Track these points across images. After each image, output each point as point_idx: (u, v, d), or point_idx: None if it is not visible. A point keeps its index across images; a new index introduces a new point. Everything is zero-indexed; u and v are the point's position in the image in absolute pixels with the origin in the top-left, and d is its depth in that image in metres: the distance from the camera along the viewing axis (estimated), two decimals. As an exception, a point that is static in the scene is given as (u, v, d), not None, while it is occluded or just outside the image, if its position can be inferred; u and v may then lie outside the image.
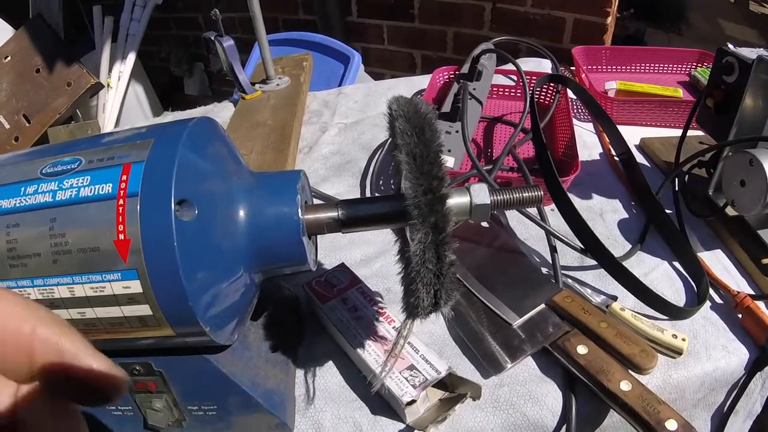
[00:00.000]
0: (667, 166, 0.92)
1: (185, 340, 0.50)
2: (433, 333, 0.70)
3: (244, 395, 0.57)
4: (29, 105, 1.26)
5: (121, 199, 0.44)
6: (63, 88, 1.25)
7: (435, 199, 0.41)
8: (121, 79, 1.56)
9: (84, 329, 0.49)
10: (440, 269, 0.42)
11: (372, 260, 0.82)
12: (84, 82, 1.25)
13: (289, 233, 0.49)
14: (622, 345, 0.62)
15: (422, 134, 0.43)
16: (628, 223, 0.85)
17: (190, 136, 0.48)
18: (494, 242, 0.79)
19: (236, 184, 0.51)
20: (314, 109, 1.20)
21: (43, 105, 1.25)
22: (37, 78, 1.27)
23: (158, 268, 0.44)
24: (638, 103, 1.06)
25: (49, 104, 1.25)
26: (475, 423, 0.61)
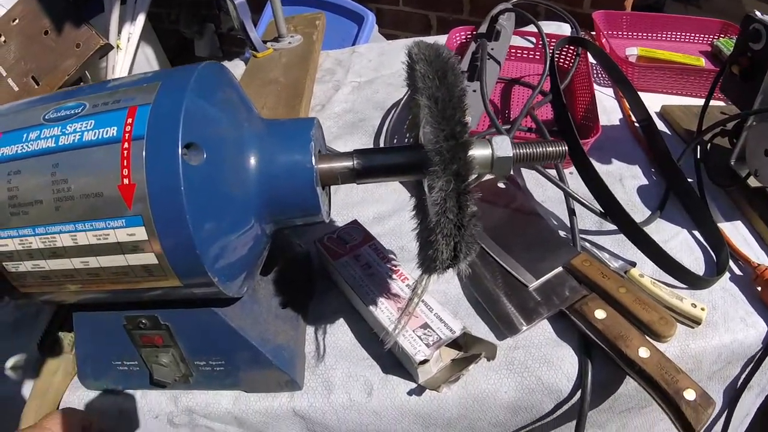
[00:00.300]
0: (688, 135, 0.90)
1: (192, 291, 0.48)
2: (447, 292, 0.69)
3: (253, 350, 0.55)
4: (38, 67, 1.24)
5: (126, 142, 0.42)
6: (72, 49, 1.23)
7: (458, 146, 0.39)
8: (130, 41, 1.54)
9: (87, 279, 0.48)
10: (461, 220, 0.40)
11: (385, 218, 0.80)
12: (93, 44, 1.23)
13: (302, 182, 0.47)
14: (641, 311, 0.60)
15: (444, 78, 0.40)
16: (648, 189, 0.82)
17: (199, 79, 0.46)
18: (511, 203, 0.77)
19: (247, 130, 0.48)
20: (327, 68, 1.17)
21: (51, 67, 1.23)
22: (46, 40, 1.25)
23: (164, 214, 0.42)
24: (660, 70, 1.02)
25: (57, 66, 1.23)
26: (488, 384, 0.60)
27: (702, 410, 0.53)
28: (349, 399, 0.60)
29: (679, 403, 0.53)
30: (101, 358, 0.60)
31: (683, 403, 0.53)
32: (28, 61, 1.22)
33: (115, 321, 0.56)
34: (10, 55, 1.23)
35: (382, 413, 0.60)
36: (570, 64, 1.03)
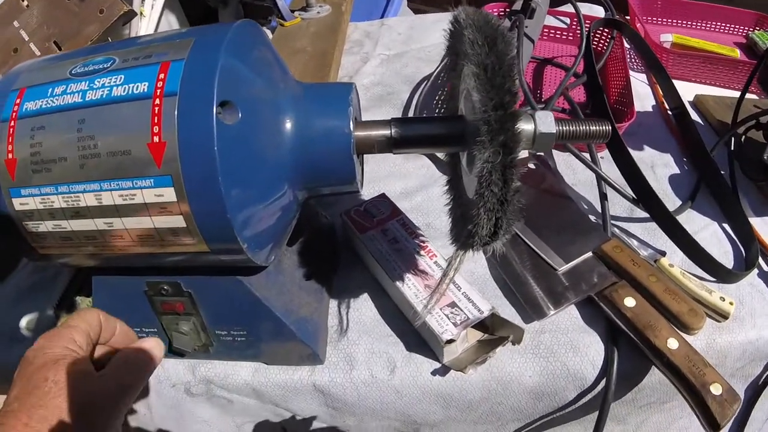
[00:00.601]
0: (721, 126, 0.87)
1: (219, 258, 0.47)
2: (474, 272, 0.67)
3: (277, 322, 0.54)
4: (60, 32, 1.23)
5: (158, 98, 0.41)
6: (95, 15, 1.21)
7: (507, 116, 0.37)
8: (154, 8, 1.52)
9: (110, 242, 0.47)
10: (505, 194, 0.38)
11: (412, 194, 0.78)
12: (116, 10, 1.21)
13: (339, 148, 0.46)
14: (671, 302, 0.59)
15: (494, 45, 0.38)
16: (679, 179, 0.80)
17: (235, 37, 0.44)
18: (541, 185, 0.75)
19: (283, 92, 0.47)
20: (355, 39, 1.15)
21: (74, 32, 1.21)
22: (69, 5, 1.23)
23: (195, 175, 0.41)
24: (695, 58, 1.00)
25: (80, 31, 1.21)
26: (513, 368, 0.58)
27: (728, 406, 0.52)
28: (371, 376, 0.59)
29: (705, 397, 0.52)
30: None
31: (709, 397, 0.52)
32: (51, 26, 1.21)
33: (136, 286, 0.55)
34: (32, 20, 1.22)
35: (403, 392, 0.59)
36: (604, 47, 1.00)
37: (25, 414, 0.39)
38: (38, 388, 0.40)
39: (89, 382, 0.42)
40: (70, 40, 1.21)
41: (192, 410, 0.63)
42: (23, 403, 0.39)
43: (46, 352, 0.42)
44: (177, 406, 0.63)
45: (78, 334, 0.45)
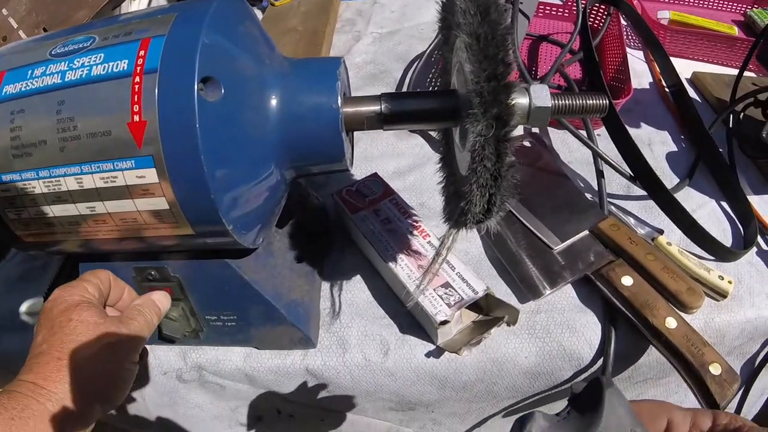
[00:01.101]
0: (719, 104, 0.86)
1: (205, 241, 0.46)
2: (468, 252, 0.66)
3: (267, 305, 0.53)
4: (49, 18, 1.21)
5: (138, 76, 0.40)
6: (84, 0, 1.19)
7: (500, 88, 0.35)
8: (144, -9, 1.50)
9: (94, 227, 0.46)
10: (499, 170, 0.37)
11: (405, 173, 0.77)
12: (106, -7, 1.18)
13: (327, 124, 0.44)
14: (669, 280, 0.58)
15: (487, 14, 0.37)
16: (677, 156, 0.79)
17: (218, 10, 0.42)
18: (536, 163, 0.74)
19: (268, 67, 0.45)
20: (347, 18, 1.13)
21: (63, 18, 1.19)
22: (58, -10, 1.20)
23: (177, 154, 0.39)
24: (692, 35, 0.98)
25: (70, 17, 1.19)
26: (508, 349, 0.58)
27: (727, 386, 0.51)
28: (365, 359, 0.58)
29: (704, 377, 0.52)
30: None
31: (708, 377, 0.52)
32: (40, 13, 1.19)
33: (124, 272, 0.54)
34: (21, 7, 1.20)
35: (397, 374, 0.58)
36: (600, 23, 0.99)
37: (56, 350, 0.42)
38: (63, 327, 0.44)
39: (109, 322, 0.46)
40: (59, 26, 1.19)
41: (185, 396, 0.63)
42: (52, 343, 0.43)
43: (66, 298, 0.46)
44: (170, 392, 0.62)
45: (91, 286, 0.48)
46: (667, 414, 0.31)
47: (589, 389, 0.32)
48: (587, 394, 0.31)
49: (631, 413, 0.29)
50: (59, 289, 0.47)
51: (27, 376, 0.41)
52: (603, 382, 0.31)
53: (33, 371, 0.41)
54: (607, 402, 0.29)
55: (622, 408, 0.29)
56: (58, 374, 0.41)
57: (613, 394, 0.30)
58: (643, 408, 0.32)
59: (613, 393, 0.30)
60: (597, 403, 0.29)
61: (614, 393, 0.30)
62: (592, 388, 0.31)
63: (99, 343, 0.44)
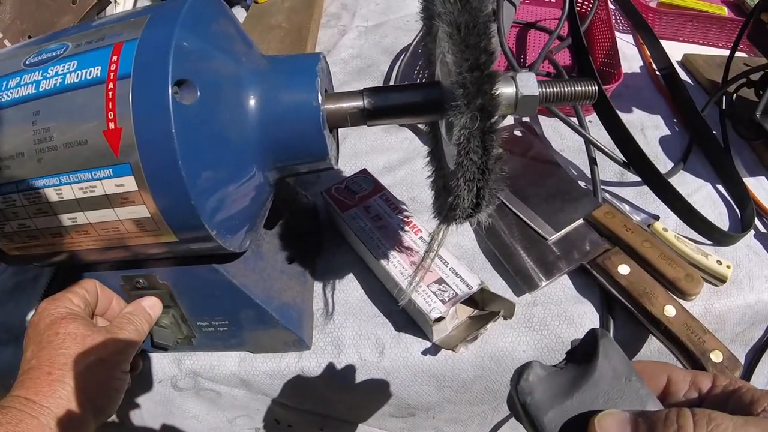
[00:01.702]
0: (711, 85, 0.85)
1: (190, 247, 0.45)
2: (462, 246, 0.65)
3: (258, 309, 0.52)
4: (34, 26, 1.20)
5: (111, 82, 0.39)
6: (68, 6, 1.18)
7: (483, 77, 0.34)
8: (128, -6, 1.49)
9: (77, 237, 0.45)
10: (486, 163, 0.36)
11: (396, 168, 0.76)
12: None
13: (308, 123, 0.43)
14: (667, 267, 0.57)
15: (467, 2, 0.36)
16: (670, 140, 0.78)
17: (191, 10, 0.41)
18: (528, 152, 0.73)
19: (246, 66, 0.44)
20: (332, 12, 1.12)
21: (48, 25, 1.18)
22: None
23: (155, 161, 0.38)
24: (682, 17, 0.98)
25: (54, 24, 1.18)
26: (505, 343, 0.57)
27: (729, 373, 0.51)
28: (360, 358, 0.57)
29: (705, 365, 0.51)
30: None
31: (710, 365, 0.51)
32: (24, 20, 1.18)
33: (112, 281, 0.53)
34: (5, 16, 1.19)
35: (394, 373, 0.57)
36: (588, 8, 0.97)
37: (46, 365, 0.43)
38: (51, 341, 0.44)
39: (98, 333, 0.46)
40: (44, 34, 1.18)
41: (181, 406, 0.62)
42: (41, 358, 0.43)
43: (52, 311, 0.46)
44: (165, 402, 0.62)
45: (76, 297, 0.49)
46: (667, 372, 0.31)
47: (584, 341, 0.31)
48: (583, 345, 0.31)
49: (627, 362, 0.30)
50: (45, 301, 0.48)
51: (19, 391, 0.42)
52: (598, 332, 0.31)
53: (24, 386, 0.42)
54: (602, 351, 0.29)
55: (617, 357, 0.30)
56: (49, 389, 0.42)
57: (608, 344, 0.30)
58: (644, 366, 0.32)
59: (608, 343, 0.30)
60: (592, 353, 0.29)
61: (609, 343, 0.30)
62: (587, 340, 0.31)
63: (87, 355, 0.44)
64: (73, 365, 0.43)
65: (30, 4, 1.20)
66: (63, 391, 0.42)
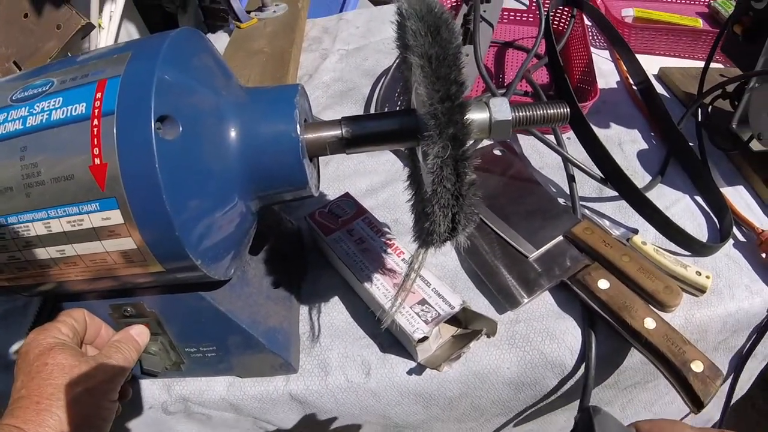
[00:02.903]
0: (688, 98, 0.87)
1: (176, 276, 0.46)
2: (444, 266, 0.66)
3: (245, 334, 0.53)
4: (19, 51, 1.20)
5: (96, 119, 0.40)
6: (53, 31, 1.19)
7: (454, 108, 0.36)
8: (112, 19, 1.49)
9: (66, 268, 0.46)
10: (459, 189, 0.37)
11: (378, 190, 0.77)
12: (74, 24, 1.19)
13: (287, 153, 0.44)
14: (646, 280, 0.58)
15: (438, 34, 0.37)
16: (648, 154, 0.80)
17: (172, 46, 0.42)
18: (507, 171, 0.74)
19: (226, 99, 0.45)
20: (314, 36, 1.14)
21: (33, 50, 1.19)
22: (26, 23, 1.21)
23: (139, 195, 0.39)
24: (657, 31, 0.99)
25: (39, 49, 1.19)
26: (489, 360, 0.58)
27: (710, 382, 0.52)
28: (347, 380, 0.58)
29: (686, 375, 0.52)
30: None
31: (691, 375, 0.52)
32: (9, 46, 1.18)
33: (100, 310, 0.54)
34: (-10, 41, 1.19)
35: (381, 394, 0.58)
36: (565, 26, 0.99)
37: (35, 395, 0.44)
38: (40, 372, 0.45)
39: (86, 363, 0.46)
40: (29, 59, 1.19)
41: (173, 428, 0.62)
42: (30, 388, 0.44)
43: (40, 342, 0.47)
44: (156, 424, 0.62)
45: (65, 327, 0.49)
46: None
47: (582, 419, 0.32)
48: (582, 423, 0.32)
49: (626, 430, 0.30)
50: (34, 332, 0.48)
51: (9, 419, 0.42)
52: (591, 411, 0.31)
53: (14, 415, 0.43)
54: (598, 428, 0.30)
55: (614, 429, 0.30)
56: (38, 418, 0.42)
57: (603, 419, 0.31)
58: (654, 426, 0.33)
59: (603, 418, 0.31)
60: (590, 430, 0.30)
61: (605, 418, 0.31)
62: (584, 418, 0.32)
63: (75, 385, 0.45)
64: (61, 395, 0.44)
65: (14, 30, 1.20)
66: (51, 420, 0.43)
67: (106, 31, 1.45)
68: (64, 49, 1.20)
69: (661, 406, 0.72)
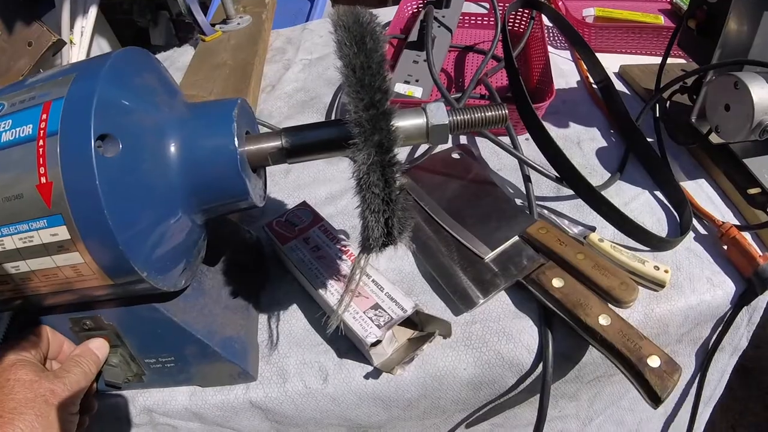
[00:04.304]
0: (648, 94, 0.88)
1: (126, 288, 0.47)
2: (401, 270, 0.67)
3: (200, 344, 0.54)
4: (-11, 69, 1.20)
5: (42, 139, 0.41)
6: (24, 48, 1.19)
7: (378, 115, 0.37)
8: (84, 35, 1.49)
9: (22, 284, 0.46)
10: (389, 194, 0.38)
11: (337, 198, 0.78)
12: (45, 41, 1.19)
13: (226, 166, 0.45)
14: (601, 277, 0.59)
15: (362, 44, 0.38)
16: (608, 151, 0.81)
17: (114, 67, 0.43)
18: (466, 175, 0.75)
19: (167, 115, 0.46)
20: (277, 47, 1.14)
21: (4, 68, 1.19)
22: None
23: (83, 211, 0.40)
24: (617, 30, 1.01)
25: (11, 67, 1.19)
26: (446, 362, 0.58)
27: (668, 377, 0.52)
28: (305, 386, 0.59)
29: (642, 370, 0.52)
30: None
31: (647, 370, 0.52)
32: (-20, 66, 1.18)
33: (61, 324, 0.55)
34: (-39, 60, 1.19)
35: (339, 399, 0.58)
36: (525, 28, 1.00)
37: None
38: (3, 388, 0.46)
39: (46, 378, 0.48)
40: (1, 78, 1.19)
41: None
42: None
43: (2, 360, 0.49)
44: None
45: (26, 344, 0.51)
46: None
47: None
48: None
49: None
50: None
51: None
52: None
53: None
54: None
55: None
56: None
57: None
58: None
59: None
60: None
61: None
62: None
63: (35, 400, 0.46)
64: (22, 410, 0.45)
65: (-15, 48, 1.20)
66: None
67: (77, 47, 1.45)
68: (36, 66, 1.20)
69: (630, 400, 0.73)
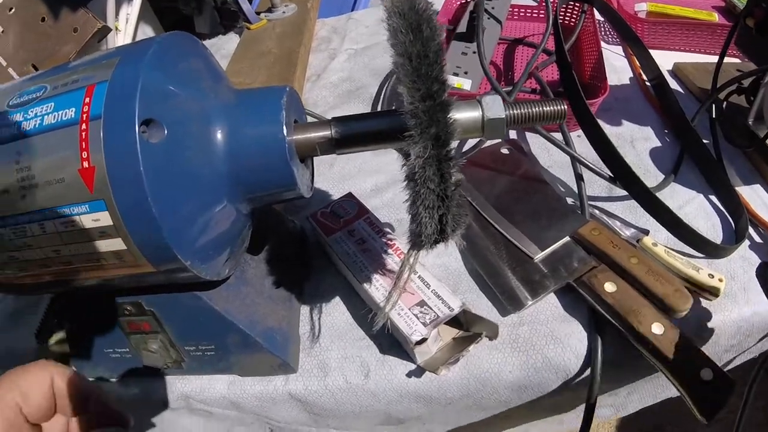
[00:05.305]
0: (702, 93, 0.84)
1: (169, 276, 0.46)
2: (447, 266, 0.65)
3: (242, 334, 0.53)
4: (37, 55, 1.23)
5: (84, 123, 0.40)
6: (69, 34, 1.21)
7: (435, 106, 0.35)
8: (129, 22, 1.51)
9: (63, 268, 0.46)
10: (444, 190, 0.36)
11: (383, 189, 0.77)
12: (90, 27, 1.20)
13: (274, 155, 0.44)
14: (655, 284, 0.56)
15: (419, 31, 0.36)
16: (661, 152, 0.77)
17: (159, 51, 0.43)
18: (515, 171, 0.73)
19: (213, 101, 0.45)
20: (323, 36, 1.13)
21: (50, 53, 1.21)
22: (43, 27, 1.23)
23: (126, 196, 0.40)
24: (671, 26, 0.97)
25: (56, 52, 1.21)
26: (491, 364, 0.57)
27: (722, 391, 0.49)
28: (346, 381, 0.58)
29: (696, 384, 0.50)
30: (94, 346, 0.58)
31: (700, 384, 0.50)
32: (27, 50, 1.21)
33: (102, 308, 0.55)
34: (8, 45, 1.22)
35: (380, 395, 0.57)
36: (576, 21, 0.97)
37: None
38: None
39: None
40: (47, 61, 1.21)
41: (175, 421, 0.63)
42: None
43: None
44: (158, 418, 0.63)
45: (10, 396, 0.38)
46: None
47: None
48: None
49: None
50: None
51: None
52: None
53: None
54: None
55: None
56: None
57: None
58: None
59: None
60: None
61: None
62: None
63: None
64: None
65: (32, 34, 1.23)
66: None
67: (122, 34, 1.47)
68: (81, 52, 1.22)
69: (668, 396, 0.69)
